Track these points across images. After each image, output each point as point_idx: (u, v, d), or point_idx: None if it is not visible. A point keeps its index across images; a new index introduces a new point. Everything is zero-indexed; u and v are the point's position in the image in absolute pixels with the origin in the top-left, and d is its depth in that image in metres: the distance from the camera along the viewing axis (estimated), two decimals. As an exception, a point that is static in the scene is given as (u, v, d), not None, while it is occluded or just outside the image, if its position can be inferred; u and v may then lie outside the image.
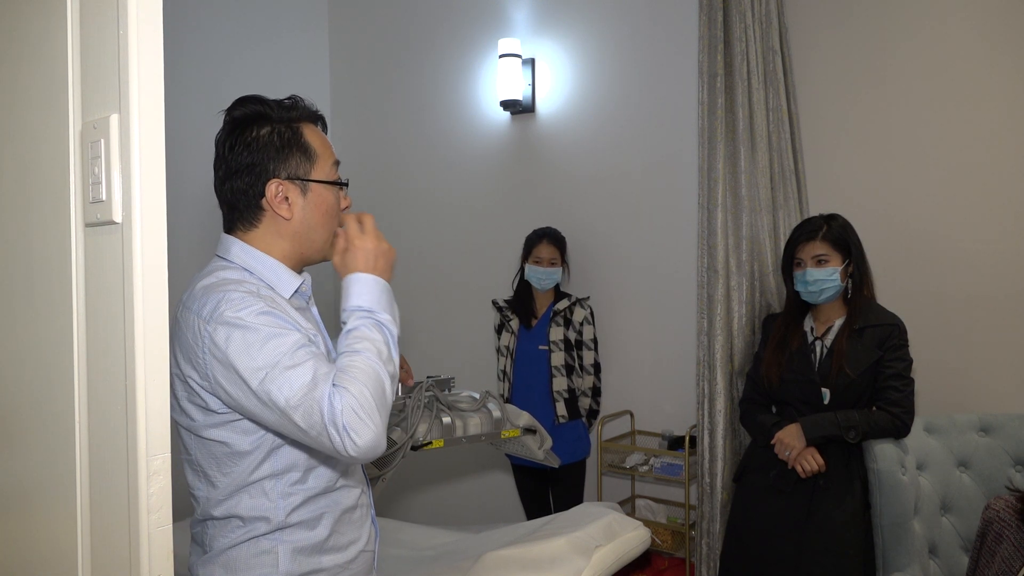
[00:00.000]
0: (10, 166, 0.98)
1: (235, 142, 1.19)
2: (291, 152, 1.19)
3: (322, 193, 1.22)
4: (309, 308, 1.28)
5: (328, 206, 1.23)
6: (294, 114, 1.22)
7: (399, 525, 2.54)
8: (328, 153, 1.24)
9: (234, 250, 1.20)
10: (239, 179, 1.18)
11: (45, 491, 0.92)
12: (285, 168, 1.19)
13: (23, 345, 0.96)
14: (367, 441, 1.03)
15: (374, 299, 1.16)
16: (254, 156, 1.18)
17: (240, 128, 1.19)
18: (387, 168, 3.87)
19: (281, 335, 1.07)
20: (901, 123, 2.57)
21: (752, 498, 2.22)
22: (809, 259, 2.14)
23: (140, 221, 0.81)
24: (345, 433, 1.02)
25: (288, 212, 1.19)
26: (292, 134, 1.20)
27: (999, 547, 1.66)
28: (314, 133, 1.24)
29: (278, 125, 1.20)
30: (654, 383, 3.10)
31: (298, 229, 1.21)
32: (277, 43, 3.78)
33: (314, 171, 1.21)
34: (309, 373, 1.04)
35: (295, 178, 1.19)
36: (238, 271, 1.17)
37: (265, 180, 1.17)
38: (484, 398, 2.04)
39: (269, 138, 1.18)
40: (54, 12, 0.88)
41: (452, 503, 3.70)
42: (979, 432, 2.17)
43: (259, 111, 1.20)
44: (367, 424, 1.03)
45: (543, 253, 2.92)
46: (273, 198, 1.18)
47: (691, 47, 2.89)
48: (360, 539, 1.26)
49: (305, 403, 1.03)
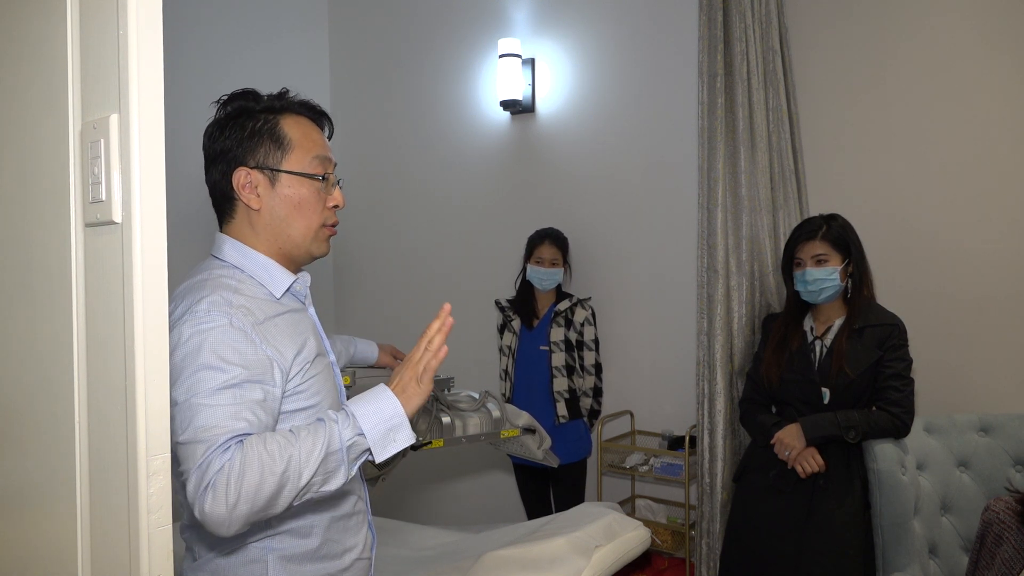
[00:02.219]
0: (10, 166, 0.98)
1: (213, 131, 1.19)
2: (261, 140, 1.17)
3: (293, 185, 1.17)
4: (306, 308, 1.25)
5: (300, 199, 1.18)
6: (278, 104, 1.20)
7: (399, 525, 2.54)
8: (310, 146, 1.20)
9: (226, 248, 1.18)
10: (214, 168, 1.18)
11: (45, 491, 0.92)
12: (253, 156, 1.16)
13: (23, 345, 0.96)
14: (215, 515, 0.94)
15: (375, 432, 1.05)
16: (226, 144, 1.17)
17: (225, 120, 1.19)
18: (387, 168, 3.87)
19: (216, 369, 1.01)
20: (901, 123, 2.57)
21: (752, 498, 2.22)
22: (809, 259, 2.14)
23: (140, 221, 0.81)
24: (204, 490, 0.94)
25: (257, 203, 1.16)
26: (265, 123, 1.18)
27: (999, 549, 1.66)
28: (297, 125, 1.20)
29: (257, 115, 1.18)
30: (654, 383, 3.10)
31: (268, 221, 1.17)
32: (277, 43, 3.77)
33: (286, 161, 1.17)
34: (214, 418, 0.98)
35: (263, 167, 1.16)
36: (229, 269, 1.15)
37: (233, 168, 1.16)
38: (483, 398, 2.04)
39: (242, 126, 1.17)
40: (54, 12, 0.88)
41: (452, 503, 3.70)
42: (979, 432, 2.17)
43: (243, 106, 1.19)
44: (228, 500, 0.94)
45: (544, 254, 2.92)
46: (240, 187, 1.16)
47: (691, 47, 2.89)
48: (356, 546, 1.23)
49: (192, 441, 0.97)
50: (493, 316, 3.17)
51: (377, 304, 3.94)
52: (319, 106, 1.26)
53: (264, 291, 1.16)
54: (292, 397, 1.12)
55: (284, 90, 1.23)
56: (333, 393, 1.22)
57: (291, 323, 1.16)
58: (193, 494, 0.95)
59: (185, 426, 0.99)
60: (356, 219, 3.99)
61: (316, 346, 1.19)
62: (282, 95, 1.22)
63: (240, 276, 1.15)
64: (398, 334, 3.86)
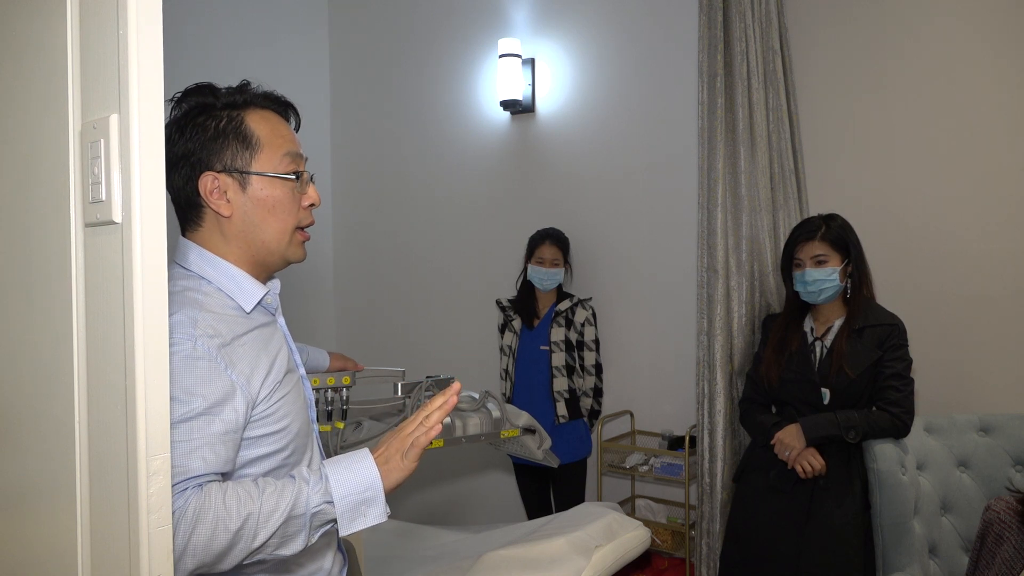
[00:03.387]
0: (10, 166, 0.98)
1: (172, 132, 1.08)
2: (226, 141, 1.08)
3: (265, 187, 1.09)
4: (276, 320, 1.17)
5: (275, 201, 1.09)
6: (240, 98, 1.11)
7: (399, 525, 2.54)
8: (279, 143, 1.11)
9: (191, 256, 1.09)
10: (177, 173, 1.08)
11: (44, 491, 0.92)
12: (220, 159, 1.07)
13: (22, 345, 0.96)
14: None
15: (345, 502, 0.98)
16: (188, 146, 1.07)
17: (184, 118, 1.09)
18: (387, 168, 3.87)
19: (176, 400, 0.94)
20: (901, 123, 2.57)
21: (752, 498, 2.22)
22: (808, 259, 2.14)
23: (140, 221, 0.81)
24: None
25: (227, 208, 1.07)
26: (229, 122, 1.08)
27: (999, 549, 1.66)
28: (263, 120, 1.11)
29: (218, 112, 1.09)
30: (654, 383, 3.10)
31: (241, 228, 1.09)
32: (277, 43, 3.77)
33: (255, 162, 1.08)
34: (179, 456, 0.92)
35: (232, 170, 1.07)
36: (195, 279, 1.07)
37: (199, 173, 1.07)
38: (484, 398, 2.05)
39: (204, 126, 1.08)
40: (54, 12, 0.88)
41: (452, 503, 3.70)
42: (979, 432, 2.17)
43: (203, 102, 1.10)
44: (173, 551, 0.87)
45: (545, 254, 2.93)
46: (208, 193, 1.07)
47: (691, 47, 2.89)
48: (321, 569, 1.15)
49: None
50: (493, 316, 3.18)
51: (377, 304, 3.94)
52: (283, 97, 1.17)
53: (232, 304, 1.08)
54: (259, 422, 1.05)
55: (245, 82, 1.14)
56: (303, 414, 1.14)
57: (260, 340, 1.08)
58: None
59: None
60: (356, 219, 3.99)
61: (286, 363, 1.12)
62: (243, 88, 1.13)
63: (207, 288, 1.07)
64: (398, 334, 3.87)
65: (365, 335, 3.95)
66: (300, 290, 3.77)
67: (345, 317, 4.06)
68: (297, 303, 3.41)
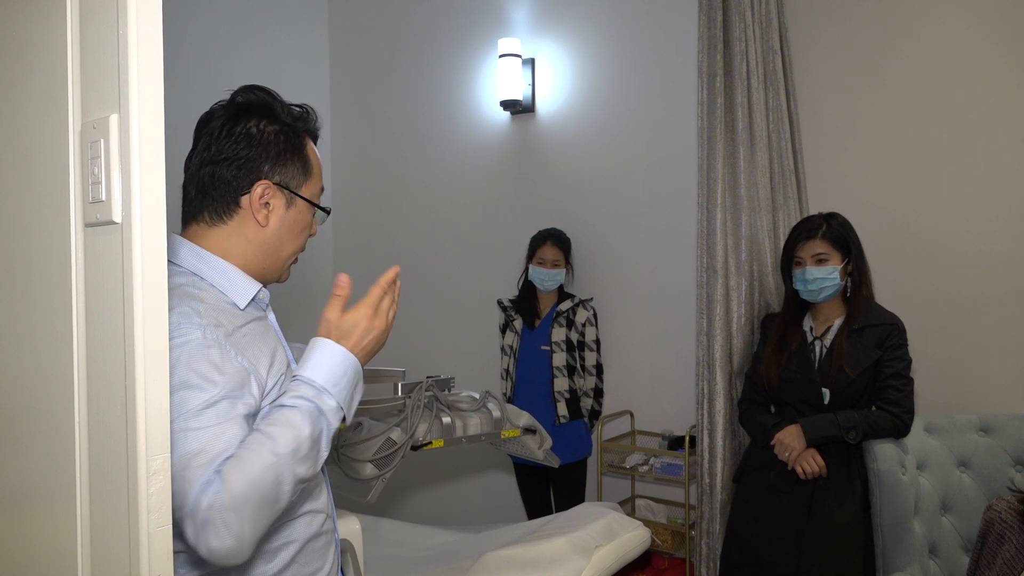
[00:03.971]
0: (10, 166, 0.98)
1: (234, 127, 1.09)
2: (292, 159, 1.12)
3: (303, 211, 1.15)
4: (267, 315, 1.18)
5: (302, 226, 1.16)
6: (301, 125, 1.15)
7: (399, 525, 2.54)
8: (320, 175, 1.18)
9: (183, 252, 1.08)
10: (226, 168, 1.08)
11: (44, 491, 0.92)
12: (280, 173, 1.11)
13: (22, 345, 0.96)
14: (223, 549, 0.89)
15: (332, 377, 1.03)
16: (252, 150, 1.09)
17: (244, 114, 1.10)
18: (387, 168, 3.88)
19: (195, 388, 0.94)
20: (901, 122, 2.57)
21: (752, 498, 2.22)
22: (809, 258, 2.14)
23: (140, 221, 0.81)
24: (203, 529, 0.88)
25: (265, 219, 1.10)
26: (299, 141, 1.13)
27: (1001, 548, 1.66)
28: (313, 151, 1.17)
29: (285, 127, 1.12)
30: (654, 383, 3.10)
31: (270, 240, 1.12)
32: (277, 43, 3.78)
33: (306, 187, 1.14)
34: (199, 442, 0.92)
35: (286, 187, 1.11)
36: (188, 276, 1.07)
37: (255, 178, 1.09)
38: (484, 398, 2.04)
39: (275, 137, 1.10)
40: (54, 12, 0.88)
41: (452, 503, 3.70)
42: (979, 432, 2.17)
43: (268, 103, 1.12)
44: (231, 530, 0.89)
45: (546, 255, 2.93)
46: (257, 200, 1.09)
47: (691, 47, 2.89)
48: (323, 569, 1.16)
49: (180, 475, 0.90)
50: (494, 316, 3.18)
51: (377, 304, 3.93)
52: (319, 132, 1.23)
53: (226, 299, 1.08)
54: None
55: (306, 109, 1.17)
56: None
57: (258, 332, 1.09)
58: (193, 537, 0.89)
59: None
60: (356, 219, 3.99)
61: (283, 355, 1.13)
62: (307, 115, 1.17)
63: (200, 284, 1.06)
64: (398, 334, 3.86)
65: (365, 335, 3.94)
66: (300, 290, 3.77)
67: (345, 317, 4.05)
68: (297, 303, 3.41)
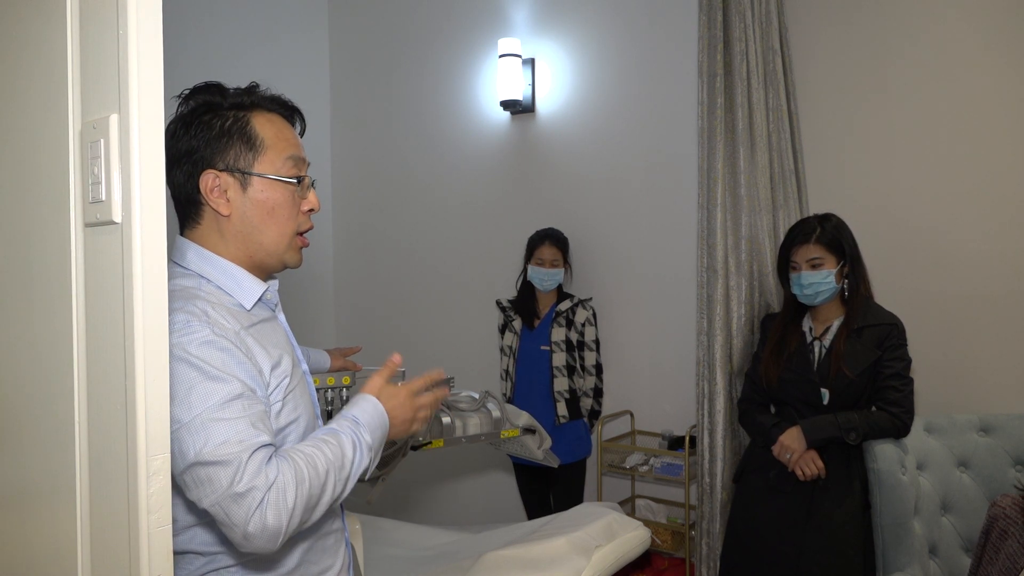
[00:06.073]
0: (9, 166, 0.98)
1: (176, 128, 1.10)
2: (231, 141, 1.08)
3: (266, 189, 1.09)
4: (276, 316, 1.18)
5: (274, 204, 1.10)
6: (247, 100, 1.12)
7: (399, 525, 2.54)
8: (283, 146, 1.12)
9: (189, 255, 1.09)
10: (178, 169, 1.08)
11: (44, 491, 0.92)
12: (223, 158, 1.08)
13: (22, 345, 0.96)
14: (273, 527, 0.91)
15: (371, 423, 1.09)
16: (192, 143, 1.08)
17: (190, 115, 1.10)
18: (387, 168, 3.87)
19: (217, 380, 0.96)
20: (901, 123, 2.57)
21: (752, 498, 2.22)
22: (803, 263, 2.14)
23: (140, 221, 0.81)
24: (261, 507, 0.90)
25: (227, 208, 1.08)
26: (235, 122, 1.09)
27: (1004, 544, 1.67)
28: (269, 123, 1.12)
29: (225, 112, 1.10)
30: (654, 383, 3.10)
31: (239, 228, 1.09)
32: (277, 43, 3.77)
33: (258, 164, 1.09)
34: (233, 431, 0.93)
35: (233, 170, 1.08)
36: (194, 279, 1.07)
37: (201, 170, 1.07)
38: (483, 398, 2.04)
39: (209, 124, 1.08)
40: (54, 12, 0.88)
41: (452, 503, 3.70)
42: (979, 432, 2.17)
43: (210, 100, 1.11)
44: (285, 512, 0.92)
45: (545, 255, 2.93)
46: (208, 191, 1.07)
47: (691, 47, 2.89)
48: (333, 566, 1.17)
49: (216, 461, 0.91)
50: (493, 316, 3.18)
51: (377, 305, 3.94)
52: (291, 101, 1.18)
53: (232, 301, 1.08)
54: (274, 416, 1.06)
55: (253, 84, 1.15)
56: (310, 409, 1.16)
57: (264, 334, 1.10)
58: (244, 513, 0.89)
59: (200, 445, 0.92)
60: (356, 219, 3.99)
61: (291, 356, 1.13)
62: (251, 90, 1.14)
63: (207, 287, 1.07)
64: (398, 335, 3.86)
65: (365, 335, 3.95)
66: (300, 290, 3.77)
67: (345, 317, 4.06)
68: (297, 303, 3.41)
